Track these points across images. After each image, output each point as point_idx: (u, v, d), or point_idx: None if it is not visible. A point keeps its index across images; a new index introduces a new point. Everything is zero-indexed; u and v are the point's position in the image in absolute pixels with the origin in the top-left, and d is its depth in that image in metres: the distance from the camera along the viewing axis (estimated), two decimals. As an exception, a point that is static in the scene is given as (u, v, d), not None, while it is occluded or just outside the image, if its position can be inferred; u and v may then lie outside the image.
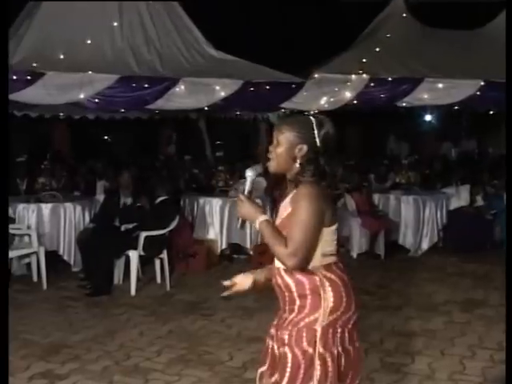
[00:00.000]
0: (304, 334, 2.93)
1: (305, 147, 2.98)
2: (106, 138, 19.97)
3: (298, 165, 2.99)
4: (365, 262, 9.76)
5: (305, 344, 2.92)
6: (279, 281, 3.04)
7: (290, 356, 2.94)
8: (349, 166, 12.66)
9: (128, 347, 5.98)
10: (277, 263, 3.06)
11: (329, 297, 2.95)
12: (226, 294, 3.27)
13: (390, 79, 10.02)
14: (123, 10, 10.08)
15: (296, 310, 2.98)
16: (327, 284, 2.95)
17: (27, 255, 8.37)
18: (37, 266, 8.32)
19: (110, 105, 9.58)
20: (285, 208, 3.00)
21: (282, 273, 3.02)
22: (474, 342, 6.16)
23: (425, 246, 10.44)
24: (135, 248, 7.99)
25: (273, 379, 3.05)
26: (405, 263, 9.86)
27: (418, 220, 10.38)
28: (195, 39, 10.48)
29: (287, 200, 3.01)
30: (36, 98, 8.87)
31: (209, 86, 9.56)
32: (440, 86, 9.96)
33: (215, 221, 9.64)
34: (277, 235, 2.92)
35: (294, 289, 2.98)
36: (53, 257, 8.67)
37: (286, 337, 2.97)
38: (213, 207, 9.74)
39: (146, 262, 8.59)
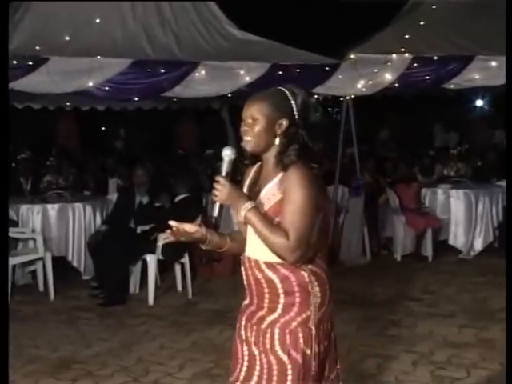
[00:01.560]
0: (300, 335, 2.96)
1: (285, 121, 2.99)
2: (118, 131, 20.04)
3: (277, 142, 3.00)
4: (410, 265, 9.69)
5: (303, 346, 2.96)
6: (258, 275, 3.03)
7: (287, 362, 2.95)
8: (390, 158, 12.59)
9: (147, 361, 5.99)
10: (253, 254, 3.05)
11: (316, 292, 2.99)
12: (163, 241, 3.22)
13: (435, 58, 9.89)
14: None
15: (280, 310, 2.99)
16: (314, 279, 2.99)
17: (32, 262, 8.41)
18: (43, 274, 8.36)
19: (122, 93, 9.56)
20: (272, 194, 2.97)
21: (263, 266, 3.01)
22: (538, 352, 6.07)
23: (478, 246, 10.32)
24: (153, 252, 7.99)
25: None
26: (456, 266, 9.78)
27: (469, 217, 10.28)
28: (216, 18, 10.42)
29: (273, 185, 2.98)
30: (39, 86, 8.86)
31: (232, 71, 9.51)
32: (493, 64, 9.80)
33: (242, 220, 9.59)
34: (272, 225, 2.90)
35: (279, 285, 2.99)
36: (61, 263, 8.70)
37: (277, 342, 2.97)
38: (239, 205, 9.70)
39: (165, 268, 8.61)
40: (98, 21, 9.43)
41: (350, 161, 10.86)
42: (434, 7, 10.80)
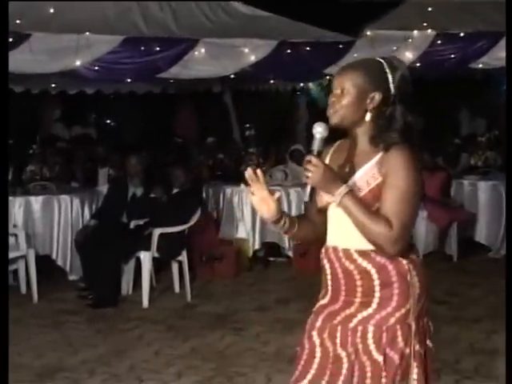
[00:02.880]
0: (399, 333, 2.93)
1: (377, 95, 2.93)
2: (108, 118, 20.03)
3: (368, 118, 2.95)
4: (433, 265, 9.59)
5: (402, 344, 2.94)
6: (349, 266, 2.99)
7: (382, 363, 2.91)
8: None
9: (140, 369, 5.98)
10: (342, 243, 3.00)
11: (415, 282, 2.97)
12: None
13: (462, 34, 9.88)
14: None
15: (375, 304, 2.95)
16: (412, 267, 2.96)
17: (13, 260, 8.36)
18: (25, 274, 8.33)
19: (113, 73, 9.55)
20: (372, 176, 2.91)
21: (355, 256, 2.96)
22: None
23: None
24: (148, 249, 7.97)
25: None
26: (484, 265, 9.78)
27: (499, 211, 10.19)
28: (218, -9, 10.41)
29: (371, 165, 2.92)
30: (21, 66, 8.76)
31: (235, 49, 9.49)
32: (527, 40, 9.81)
33: (246, 215, 9.58)
34: (371, 212, 2.85)
35: (375, 276, 2.95)
36: (45, 262, 8.69)
37: (371, 341, 2.93)
38: (243, 199, 9.66)
39: (161, 267, 8.62)
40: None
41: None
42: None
